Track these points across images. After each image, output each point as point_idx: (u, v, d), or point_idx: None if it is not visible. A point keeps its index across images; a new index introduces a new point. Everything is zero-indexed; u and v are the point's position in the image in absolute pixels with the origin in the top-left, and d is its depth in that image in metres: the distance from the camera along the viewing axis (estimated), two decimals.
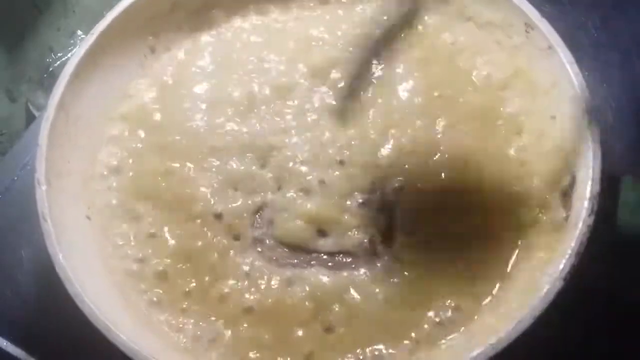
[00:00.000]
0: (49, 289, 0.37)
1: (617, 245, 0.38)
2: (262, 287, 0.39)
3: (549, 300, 0.33)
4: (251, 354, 0.37)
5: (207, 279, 0.40)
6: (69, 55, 0.60)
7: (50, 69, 0.60)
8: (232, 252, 0.40)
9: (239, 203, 0.42)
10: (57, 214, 0.38)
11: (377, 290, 0.39)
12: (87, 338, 0.35)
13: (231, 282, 0.39)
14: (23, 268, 0.46)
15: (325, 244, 0.40)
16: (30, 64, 0.61)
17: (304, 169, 0.43)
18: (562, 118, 0.40)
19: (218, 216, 0.41)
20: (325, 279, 0.39)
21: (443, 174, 0.42)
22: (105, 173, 0.44)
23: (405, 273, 0.39)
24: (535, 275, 0.36)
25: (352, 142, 0.43)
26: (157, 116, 0.46)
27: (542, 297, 0.33)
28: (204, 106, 0.46)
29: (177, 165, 0.43)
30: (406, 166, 0.42)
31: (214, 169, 0.43)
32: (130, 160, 0.44)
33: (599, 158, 0.37)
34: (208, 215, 0.41)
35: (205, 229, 0.41)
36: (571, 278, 0.34)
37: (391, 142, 0.43)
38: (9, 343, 0.43)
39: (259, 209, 0.42)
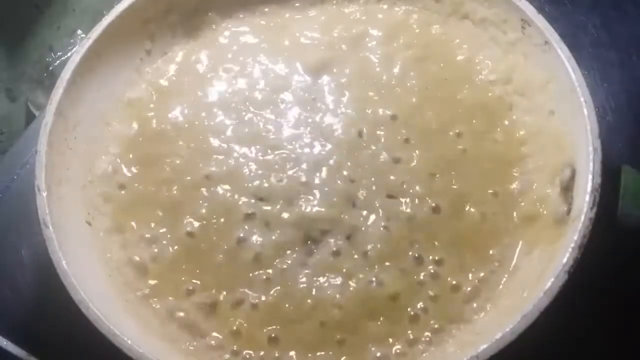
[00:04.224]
0: (49, 288, 0.36)
1: (619, 236, 0.37)
2: (267, 286, 0.38)
3: (554, 295, 0.32)
4: (261, 353, 0.36)
5: (211, 280, 0.38)
6: (69, 54, 0.59)
7: (50, 68, 0.59)
8: (237, 253, 0.39)
9: (241, 206, 0.40)
10: (58, 220, 0.37)
11: None
12: (87, 337, 0.33)
13: (237, 283, 0.38)
14: (23, 267, 0.45)
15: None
16: (30, 63, 0.60)
17: (303, 170, 0.41)
18: (560, 113, 0.39)
19: (222, 219, 0.40)
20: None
21: (442, 173, 0.40)
22: (104, 179, 0.42)
23: None
24: (538, 270, 0.35)
25: (344, 143, 0.42)
26: (155, 121, 0.44)
27: (546, 291, 0.32)
28: (202, 110, 0.44)
29: (177, 170, 0.42)
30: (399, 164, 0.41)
31: (214, 174, 0.42)
32: (129, 167, 0.43)
33: (599, 151, 0.35)
34: (211, 220, 0.40)
35: (209, 232, 0.40)
36: (574, 272, 0.32)
37: (383, 141, 0.42)
38: (9, 342, 0.42)
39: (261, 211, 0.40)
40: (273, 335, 0.36)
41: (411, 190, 0.40)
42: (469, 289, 0.37)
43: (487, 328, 0.34)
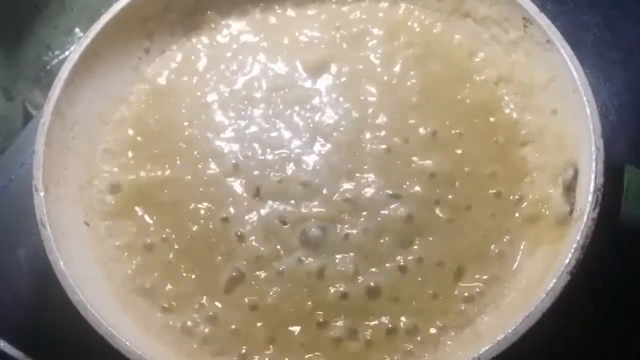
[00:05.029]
0: (47, 289, 0.36)
1: (622, 236, 0.37)
2: (266, 286, 0.38)
3: (556, 295, 0.32)
4: (256, 357, 0.36)
5: (210, 281, 0.38)
6: (66, 53, 0.59)
7: (48, 67, 0.59)
8: (236, 253, 0.39)
9: (240, 206, 0.40)
10: (55, 220, 0.37)
11: None
12: (85, 338, 0.33)
13: (236, 283, 0.38)
14: (21, 267, 0.44)
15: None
16: (28, 62, 0.59)
17: (303, 169, 0.41)
18: (563, 112, 0.39)
19: (221, 220, 0.40)
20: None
21: (442, 173, 0.40)
22: (102, 179, 0.42)
23: None
24: (541, 271, 0.35)
25: (344, 143, 0.42)
26: (153, 121, 0.44)
27: (549, 292, 0.32)
28: (201, 110, 0.44)
29: (176, 170, 0.42)
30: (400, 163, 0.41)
31: (213, 173, 0.41)
32: (128, 166, 0.42)
33: (602, 150, 0.35)
34: (211, 219, 0.40)
35: (208, 233, 0.39)
36: (577, 272, 0.32)
37: (383, 141, 0.42)
38: (6, 343, 0.41)
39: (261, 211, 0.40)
40: (272, 336, 0.36)
41: (411, 191, 0.40)
42: (470, 289, 0.37)
43: (489, 329, 0.34)
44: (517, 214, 0.38)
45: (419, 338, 0.36)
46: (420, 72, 0.44)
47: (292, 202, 0.40)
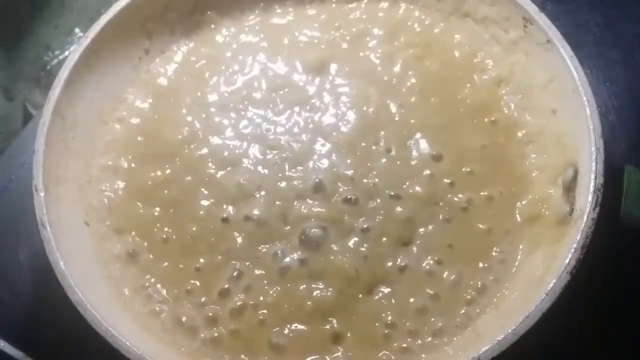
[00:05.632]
0: (47, 289, 0.36)
1: (622, 236, 0.37)
2: (266, 286, 0.38)
3: (556, 295, 0.32)
4: (256, 357, 0.36)
5: (211, 281, 0.38)
6: (66, 53, 0.59)
7: (48, 67, 0.59)
8: (236, 253, 0.39)
9: (241, 206, 0.40)
10: (55, 220, 0.37)
11: None
12: (85, 338, 0.33)
13: (236, 283, 0.38)
14: (21, 267, 0.44)
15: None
16: (28, 62, 0.59)
17: (302, 169, 0.41)
18: (563, 112, 0.39)
19: (221, 220, 0.40)
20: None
21: (442, 174, 0.40)
22: (102, 179, 0.42)
23: None
24: (541, 271, 0.35)
25: (344, 143, 0.42)
26: (153, 121, 0.44)
27: (549, 292, 0.32)
28: (201, 110, 0.44)
29: (176, 170, 0.42)
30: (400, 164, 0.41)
31: (213, 174, 0.42)
32: (128, 166, 0.43)
33: (602, 150, 0.35)
34: (211, 220, 0.40)
35: (207, 232, 0.40)
36: (577, 272, 0.32)
37: (383, 141, 0.42)
38: (6, 343, 0.41)
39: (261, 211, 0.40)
40: (272, 335, 0.36)
41: (411, 191, 0.40)
42: (470, 289, 0.37)
43: (488, 329, 0.34)
44: (517, 214, 0.38)
45: (418, 338, 0.36)
46: (420, 72, 0.44)
47: (293, 202, 0.40)
